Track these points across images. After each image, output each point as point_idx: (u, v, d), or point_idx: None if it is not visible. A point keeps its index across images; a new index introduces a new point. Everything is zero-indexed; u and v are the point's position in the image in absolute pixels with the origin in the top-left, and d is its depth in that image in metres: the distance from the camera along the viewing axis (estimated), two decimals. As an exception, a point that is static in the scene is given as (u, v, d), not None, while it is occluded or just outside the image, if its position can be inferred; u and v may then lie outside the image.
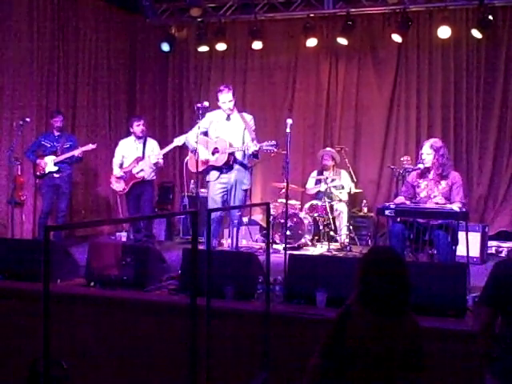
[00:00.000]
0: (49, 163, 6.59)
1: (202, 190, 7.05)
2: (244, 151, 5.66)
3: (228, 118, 5.78)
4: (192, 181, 7.62)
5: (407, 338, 2.38)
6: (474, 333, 3.28)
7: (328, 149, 7.69)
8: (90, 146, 6.70)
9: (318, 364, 2.44)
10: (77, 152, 6.63)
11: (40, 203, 6.92)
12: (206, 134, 5.83)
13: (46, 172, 6.60)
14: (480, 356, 2.62)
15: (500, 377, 2.52)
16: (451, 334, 3.54)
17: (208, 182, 5.83)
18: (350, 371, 2.37)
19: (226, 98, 5.73)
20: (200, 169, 5.76)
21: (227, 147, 5.62)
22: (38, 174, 6.65)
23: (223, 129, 5.73)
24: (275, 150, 5.50)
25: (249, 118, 5.87)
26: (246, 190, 5.88)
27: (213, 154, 5.67)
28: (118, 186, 6.77)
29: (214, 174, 5.73)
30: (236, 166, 5.71)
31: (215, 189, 5.74)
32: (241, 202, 5.81)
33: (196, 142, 5.59)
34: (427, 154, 5.15)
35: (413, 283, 2.45)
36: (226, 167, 5.70)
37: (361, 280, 2.44)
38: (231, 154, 5.64)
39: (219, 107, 5.81)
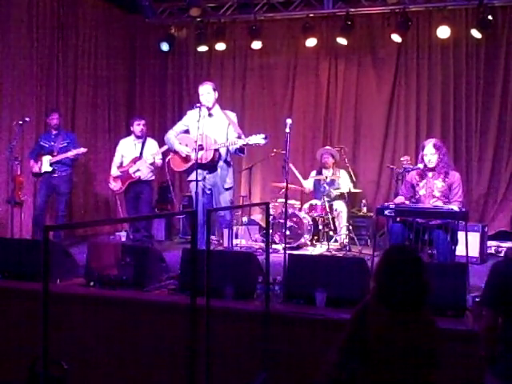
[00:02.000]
0: (45, 163, 6.56)
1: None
2: (227, 148, 5.61)
3: (210, 114, 5.70)
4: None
5: (423, 335, 2.42)
6: (473, 333, 3.29)
7: (327, 147, 7.69)
8: (81, 150, 6.63)
9: (335, 361, 2.45)
10: (69, 154, 6.58)
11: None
12: (187, 132, 5.80)
13: (42, 172, 6.58)
14: (482, 357, 2.61)
15: (501, 377, 2.52)
16: (451, 333, 3.54)
17: (190, 181, 5.71)
18: (368, 367, 2.39)
19: (204, 89, 5.68)
20: (183, 168, 5.74)
21: (212, 143, 5.56)
22: (33, 172, 6.64)
23: (206, 125, 5.59)
24: (263, 142, 5.45)
25: (232, 115, 5.82)
26: (229, 189, 5.76)
27: (198, 151, 5.47)
28: (115, 186, 6.77)
29: (197, 174, 5.48)
30: (220, 164, 5.65)
31: (199, 189, 5.60)
32: (228, 201, 5.75)
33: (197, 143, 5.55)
34: (431, 155, 5.14)
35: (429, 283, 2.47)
36: (211, 166, 5.62)
37: (379, 278, 2.46)
38: (216, 151, 5.60)
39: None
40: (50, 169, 6.57)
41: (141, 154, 6.75)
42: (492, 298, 2.59)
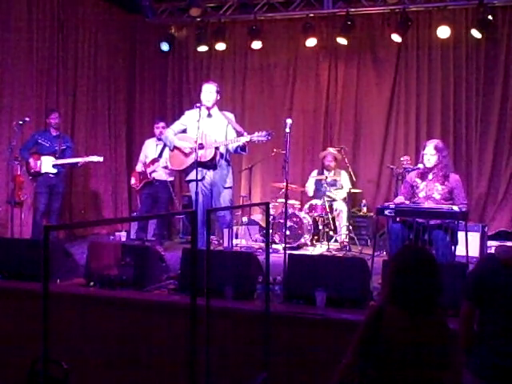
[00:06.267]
0: (47, 164, 6.52)
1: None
2: (227, 147, 5.63)
3: (209, 115, 5.73)
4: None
5: (437, 336, 2.43)
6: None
7: (330, 149, 7.65)
8: (97, 158, 6.74)
9: (349, 364, 2.45)
10: (81, 160, 6.69)
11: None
12: (184, 131, 5.84)
13: (42, 172, 6.52)
14: (459, 350, 2.63)
15: (476, 373, 2.54)
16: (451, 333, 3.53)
17: (189, 181, 5.73)
18: (381, 370, 2.39)
19: (207, 88, 5.73)
20: (183, 166, 5.74)
21: (213, 142, 5.59)
22: (31, 172, 6.52)
23: (206, 125, 5.62)
24: (266, 139, 5.47)
25: (231, 115, 5.88)
26: (229, 188, 5.80)
27: (198, 149, 5.51)
28: (133, 181, 7.20)
29: (197, 173, 5.52)
30: (220, 163, 5.67)
31: (199, 189, 5.62)
32: (227, 201, 5.76)
33: (201, 139, 5.55)
34: (431, 155, 5.15)
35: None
36: (211, 165, 5.63)
37: (393, 279, 2.46)
38: (217, 149, 5.61)
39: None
40: (53, 170, 6.55)
41: (159, 155, 6.94)
42: (469, 290, 2.63)
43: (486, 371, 2.51)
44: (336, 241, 7.09)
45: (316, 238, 7.16)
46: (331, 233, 7.06)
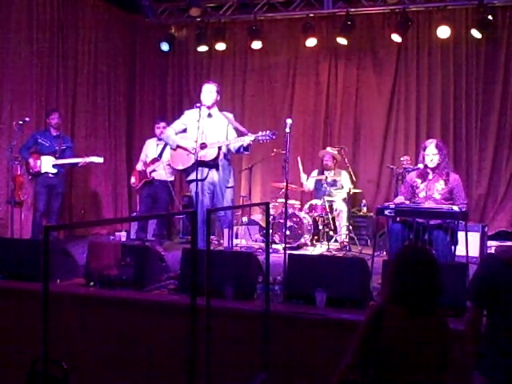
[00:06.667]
0: (47, 164, 6.54)
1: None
2: (228, 146, 5.64)
3: (209, 115, 5.74)
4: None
5: (437, 336, 2.44)
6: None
7: (329, 149, 7.66)
8: (97, 159, 6.76)
9: (349, 364, 2.45)
10: (81, 161, 6.69)
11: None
12: (185, 131, 5.84)
13: (42, 172, 6.55)
14: (467, 353, 2.63)
15: (487, 374, 2.54)
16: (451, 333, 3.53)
17: (191, 181, 5.72)
18: (381, 369, 2.40)
19: (207, 88, 5.74)
20: (185, 165, 5.74)
21: (215, 141, 5.60)
22: (31, 171, 6.56)
23: (206, 125, 5.63)
24: (270, 139, 5.49)
25: (230, 115, 5.90)
26: (231, 188, 5.82)
27: (200, 149, 5.53)
28: (133, 181, 7.19)
29: (199, 172, 5.52)
30: (222, 162, 5.68)
31: (201, 188, 5.63)
32: (229, 201, 5.77)
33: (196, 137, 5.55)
34: (434, 155, 5.14)
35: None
36: (213, 164, 5.64)
37: (393, 279, 2.46)
38: (220, 149, 5.62)
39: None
40: (53, 170, 6.57)
41: (160, 155, 6.94)
42: (475, 292, 2.62)
43: (492, 371, 2.51)
44: (336, 241, 7.09)
45: (316, 237, 7.16)
46: (331, 233, 7.06)
